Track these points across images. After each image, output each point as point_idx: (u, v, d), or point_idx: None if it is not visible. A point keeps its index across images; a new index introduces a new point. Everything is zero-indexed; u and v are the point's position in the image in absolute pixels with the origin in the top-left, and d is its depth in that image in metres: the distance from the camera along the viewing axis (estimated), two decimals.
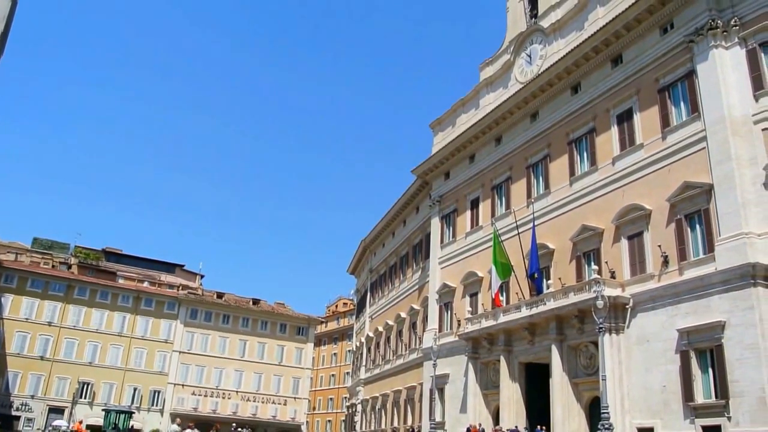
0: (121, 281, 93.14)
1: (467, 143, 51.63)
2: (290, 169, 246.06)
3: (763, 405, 26.04)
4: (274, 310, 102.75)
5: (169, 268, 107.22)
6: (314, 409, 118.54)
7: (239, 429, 54.40)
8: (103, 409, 60.63)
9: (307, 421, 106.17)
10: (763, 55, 30.91)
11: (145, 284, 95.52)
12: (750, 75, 31.03)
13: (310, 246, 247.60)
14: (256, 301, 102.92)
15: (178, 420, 41.42)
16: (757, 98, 30.56)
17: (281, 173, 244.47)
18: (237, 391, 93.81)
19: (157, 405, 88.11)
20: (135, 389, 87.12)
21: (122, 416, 51.98)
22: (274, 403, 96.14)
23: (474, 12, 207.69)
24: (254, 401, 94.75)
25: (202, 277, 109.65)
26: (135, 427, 73.64)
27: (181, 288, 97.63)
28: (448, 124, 56.36)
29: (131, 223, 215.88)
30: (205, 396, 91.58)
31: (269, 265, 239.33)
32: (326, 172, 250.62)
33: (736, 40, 31.79)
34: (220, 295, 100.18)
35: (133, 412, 61.14)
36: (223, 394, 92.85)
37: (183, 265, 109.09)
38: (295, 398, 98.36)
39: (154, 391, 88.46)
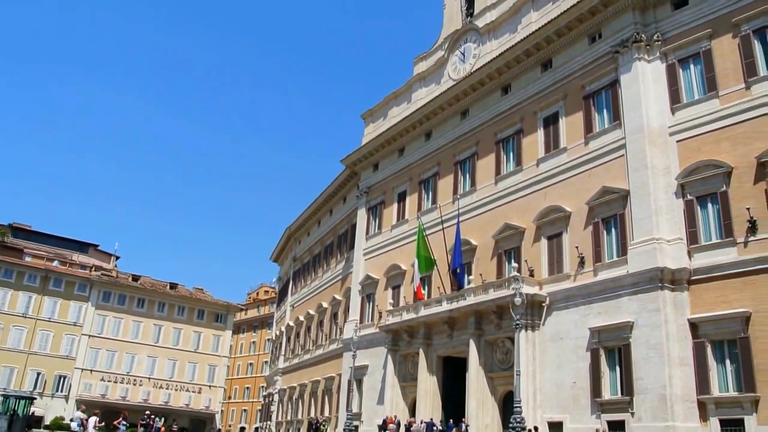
0: (28, 259, 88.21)
1: (397, 136, 52.06)
2: (216, 152, 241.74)
3: (664, 402, 27.46)
4: (192, 296, 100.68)
5: (82, 247, 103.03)
6: (230, 397, 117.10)
7: (151, 417, 53.06)
8: (1, 395, 57.76)
9: (222, 410, 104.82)
10: (681, 70, 32.49)
11: (55, 263, 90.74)
12: (669, 89, 32.57)
13: (233, 232, 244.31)
14: (173, 286, 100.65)
15: (82, 407, 39.98)
16: (674, 111, 32.10)
17: (206, 155, 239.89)
18: (149, 378, 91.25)
19: (62, 391, 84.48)
20: (38, 374, 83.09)
21: (22, 402, 49.38)
22: (188, 391, 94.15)
23: (412, 5, 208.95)
24: (167, 389, 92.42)
25: (117, 258, 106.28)
26: (37, 414, 70.84)
27: (94, 269, 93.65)
28: (380, 116, 56.64)
29: (42, 198, 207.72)
30: (115, 382, 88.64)
31: (190, 249, 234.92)
32: (254, 157, 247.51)
33: (658, 54, 33.31)
34: (135, 278, 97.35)
35: (35, 398, 58.56)
36: (134, 380, 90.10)
37: (97, 245, 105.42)
38: (210, 386, 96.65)
39: (60, 377, 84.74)
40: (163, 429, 57.27)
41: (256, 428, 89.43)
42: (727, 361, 27.23)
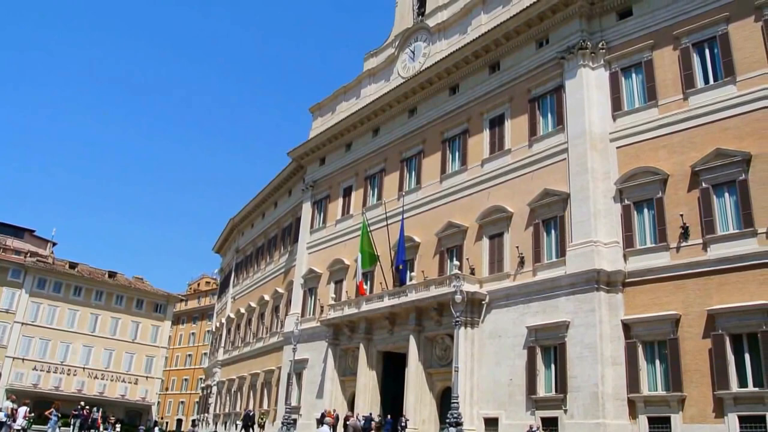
0: None
1: (345, 131, 52.06)
2: (161, 139, 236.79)
3: (596, 400, 28.33)
4: (131, 285, 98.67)
5: (17, 232, 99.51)
6: (167, 389, 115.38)
7: (85, 407, 51.79)
8: None
9: (158, 402, 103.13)
10: (623, 79, 33.48)
11: None
12: (611, 96, 33.54)
13: (176, 221, 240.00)
14: (112, 274, 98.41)
15: (12, 396, 38.74)
16: (615, 118, 33.06)
17: (149, 142, 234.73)
18: (84, 368, 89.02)
19: None
20: None
21: None
22: (124, 381, 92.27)
23: (365, 1, 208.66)
24: (102, 379, 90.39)
25: (54, 244, 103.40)
26: None
27: (29, 255, 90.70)
28: (328, 110, 56.53)
29: None
30: (48, 372, 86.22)
31: (131, 237, 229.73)
32: (199, 146, 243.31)
33: (602, 62, 34.23)
34: (72, 265, 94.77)
35: None
36: (68, 370, 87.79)
37: (33, 231, 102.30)
38: (147, 377, 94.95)
39: None
40: (100, 420, 56.08)
41: (193, 420, 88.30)
42: (657, 362, 28.24)
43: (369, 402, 40.30)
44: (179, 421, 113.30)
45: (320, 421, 39.80)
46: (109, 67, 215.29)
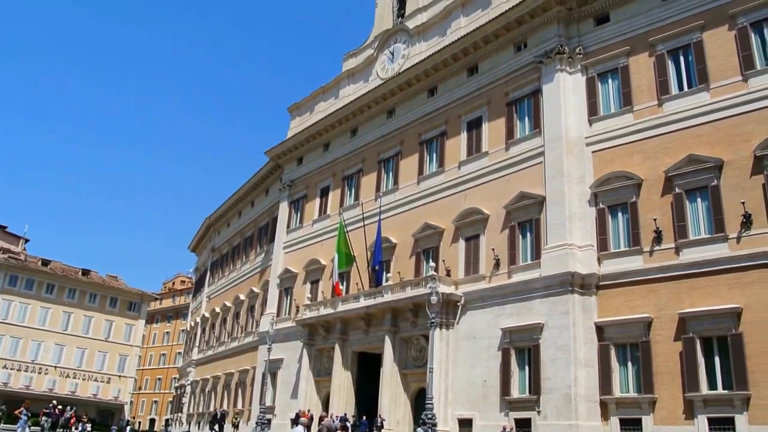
0: None
1: (323, 131, 51.99)
2: (134, 136, 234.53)
3: (569, 401, 28.60)
4: (105, 283, 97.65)
5: None
6: (140, 388, 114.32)
7: (56, 406, 51.12)
8: None
9: (131, 401, 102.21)
10: (600, 84, 33.84)
11: None
12: (587, 101, 33.87)
13: (151, 220, 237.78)
14: (86, 272, 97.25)
15: None
16: (591, 123, 33.41)
17: (124, 138, 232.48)
18: (56, 367, 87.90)
19: None
20: None
21: None
22: (96, 380, 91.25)
23: (346, 1, 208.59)
24: (74, 378, 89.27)
25: (26, 241, 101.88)
26: None
27: (0, 251, 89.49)
28: (307, 110, 56.43)
29: None
30: (19, 370, 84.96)
31: (106, 235, 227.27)
32: (176, 144, 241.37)
33: (579, 67, 34.57)
34: (45, 263, 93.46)
35: None
36: (39, 369, 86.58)
37: (5, 227, 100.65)
38: (120, 376, 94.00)
39: None
40: (73, 419, 55.48)
41: (167, 420, 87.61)
42: (629, 364, 28.59)
43: (344, 402, 40.29)
44: (152, 421, 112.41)
45: (295, 422, 39.66)
46: (89, 65, 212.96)
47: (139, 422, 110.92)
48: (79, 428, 55.62)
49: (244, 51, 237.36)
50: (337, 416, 36.98)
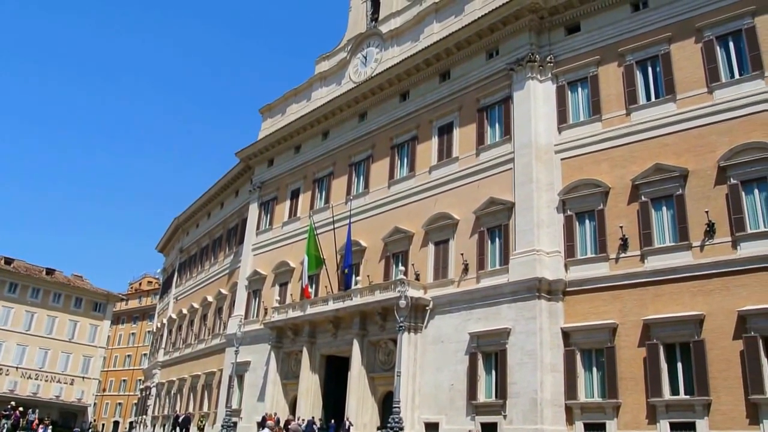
0: None
1: (294, 133, 51.87)
2: (101, 135, 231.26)
3: (534, 406, 28.86)
4: (70, 283, 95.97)
5: None
6: (104, 390, 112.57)
7: (16, 408, 50.13)
8: None
9: (95, 403, 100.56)
10: (569, 92, 34.30)
11: None
12: (557, 109, 34.31)
13: (118, 220, 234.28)
14: (50, 271, 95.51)
15: None
16: (560, 130, 33.83)
17: (90, 135, 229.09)
18: (17, 368, 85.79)
19: None
20: None
21: None
22: (59, 382, 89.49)
23: (319, 3, 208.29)
24: (36, 379, 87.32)
25: None
26: None
27: None
28: (278, 112, 56.26)
29: None
30: None
31: (71, 234, 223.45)
32: (146, 144, 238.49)
33: (550, 75, 35.00)
34: (8, 261, 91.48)
35: None
36: (0, 369, 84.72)
37: None
38: (84, 378, 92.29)
39: None
40: (36, 421, 54.46)
41: (131, 422, 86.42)
42: (594, 369, 28.98)
43: (311, 406, 40.16)
44: (116, 424, 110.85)
45: (261, 425, 39.59)
46: (53, 62, 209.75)
47: (103, 424, 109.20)
48: (41, 431, 54.65)
49: (216, 50, 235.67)
50: (303, 420, 36.89)
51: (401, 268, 37.30)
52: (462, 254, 35.05)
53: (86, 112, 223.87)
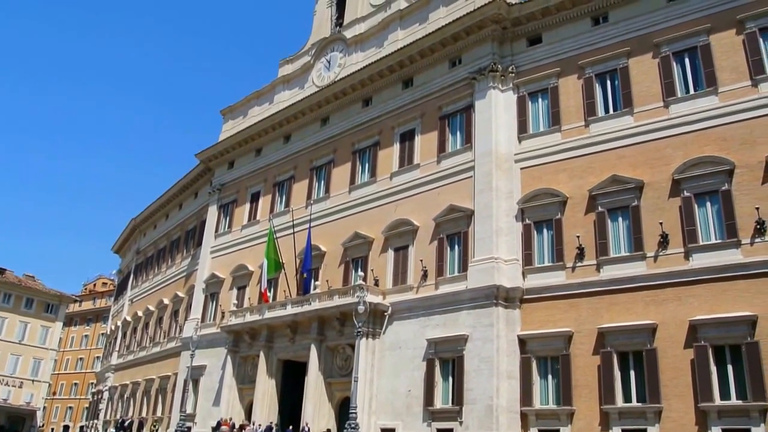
0: None
1: (256, 136, 51.54)
2: (57, 133, 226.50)
3: (490, 412, 29.08)
4: (21, 283, 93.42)
5: None
6: (55, 393, 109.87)
7: None
8: None
9: (45, 407, 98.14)
10: (530, 103, 34.78)
11: None
12: (517, 118, 34.76)
13: (73, 218, 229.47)
14: (1, 271, 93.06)
15: None
16: (520, 140, 34.25)
17: (45, 133, 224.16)
18: None
19: None
20: None
21: None
22: (7, 385, 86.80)
23: (284, 6, 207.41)
24: None
25: None
26: None
27: None
28: (240, 114, 55.83)
29: None
30: None
31: (23, 233, 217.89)
32: (102, 143, 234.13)
33: (511, 85, 35.45)
34: None
35: None
36: None
37: None
38: (33, 381, 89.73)
39: None
40: None
41: (81, 427, 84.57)
42: (549, 376, 29.37)
43: (267, 411, 39.82)
44: (66, 428, 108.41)
45: (215, 430, 39.26)
46: (5, 60, 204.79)
47: (52, 429, 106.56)
48: None
49: (177, 50, 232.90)
50: (259, 425, 36.59)
51: (360, 273, 37.27)
52: (421, 260, 35.19)
53: (38, 110, 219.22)
